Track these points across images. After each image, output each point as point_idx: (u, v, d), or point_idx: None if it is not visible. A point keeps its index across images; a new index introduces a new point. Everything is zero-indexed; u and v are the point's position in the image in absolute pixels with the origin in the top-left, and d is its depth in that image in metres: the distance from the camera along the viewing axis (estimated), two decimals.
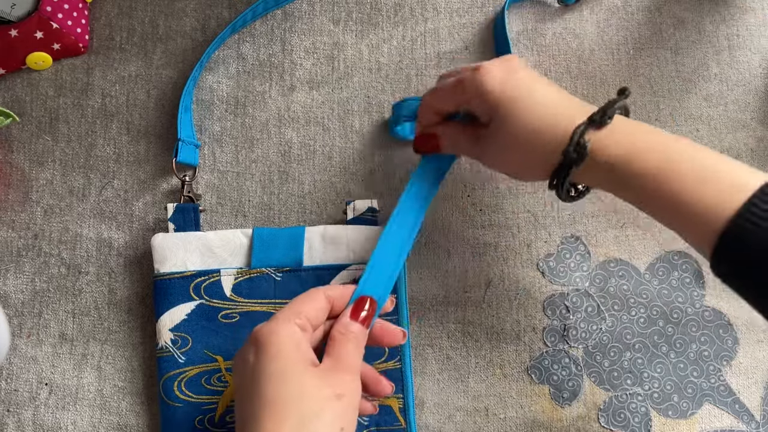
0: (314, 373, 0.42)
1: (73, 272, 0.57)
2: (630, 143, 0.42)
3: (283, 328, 0.42)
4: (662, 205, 0.41)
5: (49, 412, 0.56)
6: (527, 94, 0.45)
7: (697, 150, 0.41)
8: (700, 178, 0.40)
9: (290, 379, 0.41)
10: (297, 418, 0.40)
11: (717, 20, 0.60)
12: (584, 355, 0.55)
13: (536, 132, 0.44)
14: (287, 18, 0.61)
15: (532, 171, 0.46)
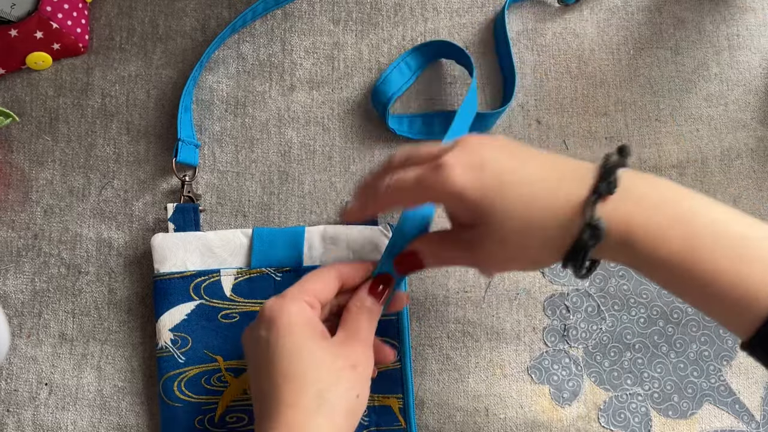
0: (328, 346, 0.43)
1: (73, 272, 0.57)
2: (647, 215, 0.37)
3: (292, 305, 0.43)
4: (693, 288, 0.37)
5: (49, 412, 0.56)
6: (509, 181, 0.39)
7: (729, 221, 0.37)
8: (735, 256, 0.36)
9: (305, 353, 0.42)
10: (315, 389, 0.41)
11: (717, 20, 0.60)
12: (584, 355, 0.55)
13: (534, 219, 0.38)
14: (287, 18, 0.61)
15: (541, 260, 0.41)
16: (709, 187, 0.57)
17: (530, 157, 0.40)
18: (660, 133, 0.58)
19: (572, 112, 0.59)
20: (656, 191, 0.38)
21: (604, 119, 0.58)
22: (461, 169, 0.39)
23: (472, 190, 0.39)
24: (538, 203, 0.38)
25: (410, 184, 0.41)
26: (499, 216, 0.39)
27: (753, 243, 0.36)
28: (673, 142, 0.58)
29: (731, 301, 0.36)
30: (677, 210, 0.37)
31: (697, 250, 0.36)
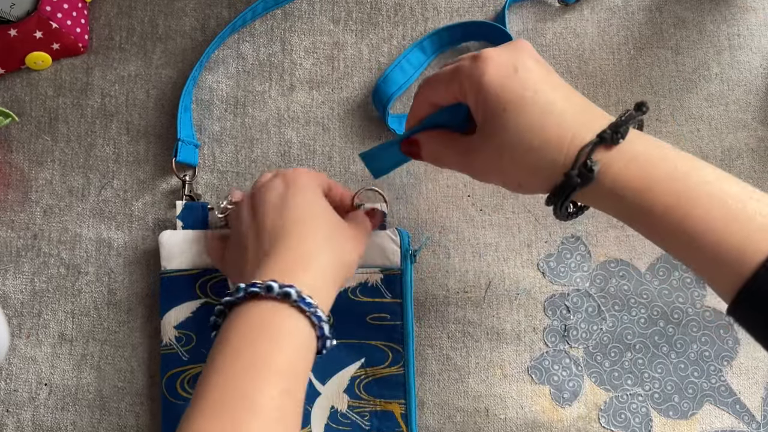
0: (338, 216, 0.48)
1: (73, 272, 0.57)
2: (644, 169, 0.37)
3: (308, 174, 0.49)
4: (679, 243, 0.37)
5: (49, 413, 0.56)
6: (531, 97, 0.39)
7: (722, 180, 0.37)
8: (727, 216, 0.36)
9: (318, 207, 0.47)
10: (326, 231, 0.45)
11: (718, 20, 0.60)
12: (585, 356, 0.55)
13: (537, 145, 0.39)
14: (287, 17, 0.61)
15: (529, 186, 0.41)
16: None
17: (560, 86, 0.40)
18: (660, 133, 0.58)
19: None
20: (657, 150, 0.39)
21: None
22: (495, 65, 0.40)
23: (495, 86, 0.39)
24: (545, 131, 0.39)
25: (447, 72, 0.43)
26: (504, 124, 0.39)
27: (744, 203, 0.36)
28: (673, 142, 0.58)
29: (717, 256, 0.36)
30: (674, 167, 0.38)
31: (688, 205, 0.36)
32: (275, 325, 0.39)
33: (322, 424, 0.53)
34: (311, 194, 0.47)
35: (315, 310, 0.40)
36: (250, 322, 0.40)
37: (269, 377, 0.37)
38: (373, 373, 0.53)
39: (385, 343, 0.54)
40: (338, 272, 0.45)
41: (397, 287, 0.54)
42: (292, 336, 0.40)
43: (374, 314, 0.54)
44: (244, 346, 0.39)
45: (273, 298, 0.40)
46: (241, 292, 0.40)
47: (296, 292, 0.40)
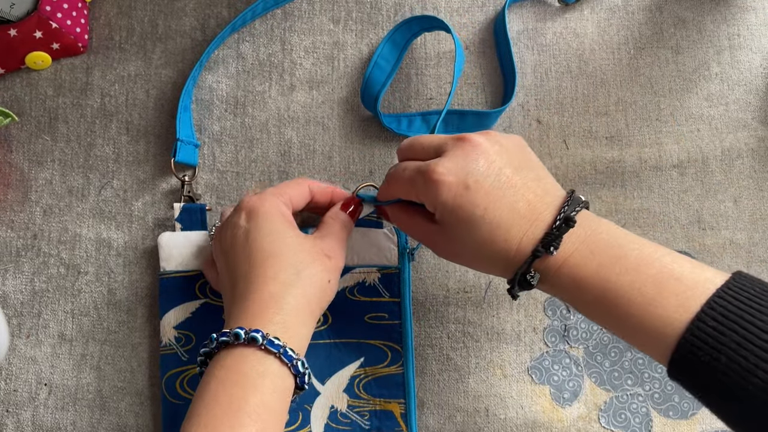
0: (305, 236, 0.48)
1: (73, 272, 0.57)
2: (573, 272, 0.42)
3: (270, 200, 0.48)
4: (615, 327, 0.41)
5: (49, 413, 0.56)
6: (480, 216, 0.43)
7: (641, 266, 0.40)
8: (644, 302, 0.39)
9: (285, 237, 0.46)
10: (293, 267, 0.45)
11: (718, 20, 0.60)
12: (585, 356, 0.55)
13: (488, 255, 0.44)
14: (287, 17, 0.61)
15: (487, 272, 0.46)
16: (710, 187, 0.57)
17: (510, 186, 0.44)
18: (661, 133, 0.58)
19: (573, 112, 0.59)
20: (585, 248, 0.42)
21: (604, 119, 0.58)
22: (447, 187, 0.43)
23: (448, 207, 0.44)
24: (494, 245, 0.43)
25: (404, 182, 0.47)
26: (459, 236, 0.44)
27: (660, 286, 0.39)
28: (673, 142, 0.58)
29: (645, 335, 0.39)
30: (598, 264, 0.41)
31: (613, 298, 0.40)
32: (247, 370, 0.42)
33: (321, 424, 0.53)
34: (275, 225, 0.47)
35: (284, 350, 0.42)
36: (224, 369, 0.42)
37: (243, 420, 0.40)
38: (372, 373, 0.53)
39: (383, 342, 0.54)
40: (313, 301, 0.46)
41: (395, 286, 0.54)
42: (264, 378, 0.42)
43: (372, 314, 0.54)
44: (218, 392, 0.41)
45: (242, 344, 0.42)
46: (213, 342, 0.43)
47: (262, 336, 0.42)
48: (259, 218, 0.47)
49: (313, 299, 0.46)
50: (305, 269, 0.46)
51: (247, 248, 0.46)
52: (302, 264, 0.46)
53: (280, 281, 0.44)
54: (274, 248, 0.46)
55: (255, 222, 0.47)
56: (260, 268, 0.45)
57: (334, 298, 0.48)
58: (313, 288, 0.46)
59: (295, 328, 0.44)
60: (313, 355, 0.53)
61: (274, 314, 0.43)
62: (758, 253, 0.56)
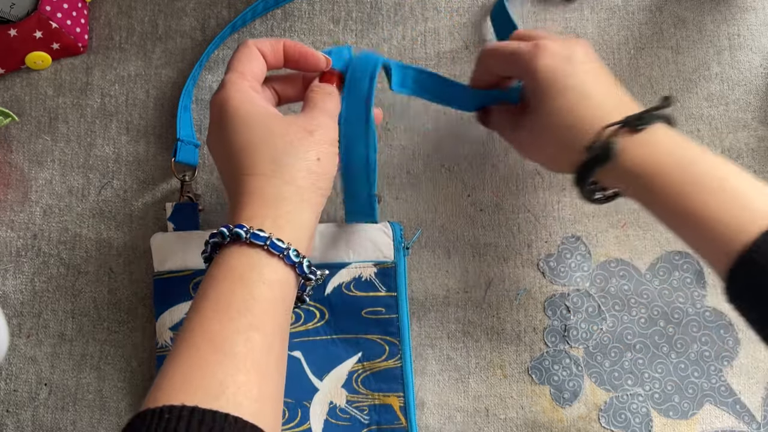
0: (280, 117, 0.44)
1: (73, 272, 0.57)
2: (657, 155, 0.42)
3: (233, 90, 0.44)
4: (684, 225, 0.41)
5: (49, 413, 0.56)
6: (574, 84, 0.44)
7: (728, 170, 0.41)
8: (726, 198, 0.39)
9: (257, 125, 0.43)
10: (269, 156, 0.43)
11: (718, 19, 0.60)
12: (585, 356, 0.55)
13: (571, 124, 0.44)
14: (287, 17, 0.61)
15: (560, 162, 0.46)
16: None
17: (604, 80, 0.45)
18: None
19: None
20: (673, 140, 0.43)
21: None
22: (550, 53, 0.45)
23: (545, 72, 0.45)
24: (581, 114, 0.44)
25: (507, 51, 0.47)
26: (548, 104, 0.44)
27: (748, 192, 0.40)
28: None
29: (715, 234, 0.39)
30: (683, 156, 0.42)
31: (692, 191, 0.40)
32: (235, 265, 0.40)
33: (321, 420, 0.53)
34: (246, 113, 0.44)
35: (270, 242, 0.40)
36: (216, 269, 0.41)
37: (232, 317, 0.38)
38: (370, 367, 0.53)
39: (381, 336, 0.54)
40: (303, 186, 0.43)
41: (391, 281, 0.54)
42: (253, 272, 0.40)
43: (369, 308, 0.54)
44: (209, 292, 0.40)
45: (231, 243, 0.41)
46: (207, 246, 0.42)
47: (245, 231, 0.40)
48: (227, 115, 0.44)
49: (302, 183, 0.43)
50: (283, 156, 0.43)
51: (222, 149, 0.44)
52: (279, 152, 0.43)
53: (259, 174, 0.42)
54: (244, 140, 0.43)
55: (224, 120, 0.44)
56: (237, 166, 0.43)
57: (331, 294, 0.47)
58: (298, 173, 0.43)
59: (286, 218, 0.42)
60: (311, 351, 0.53)
61: (259, 208, 0.42)
62: None
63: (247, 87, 0.45)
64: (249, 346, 0.38)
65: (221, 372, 0.36)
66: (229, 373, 0.36)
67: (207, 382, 0.36)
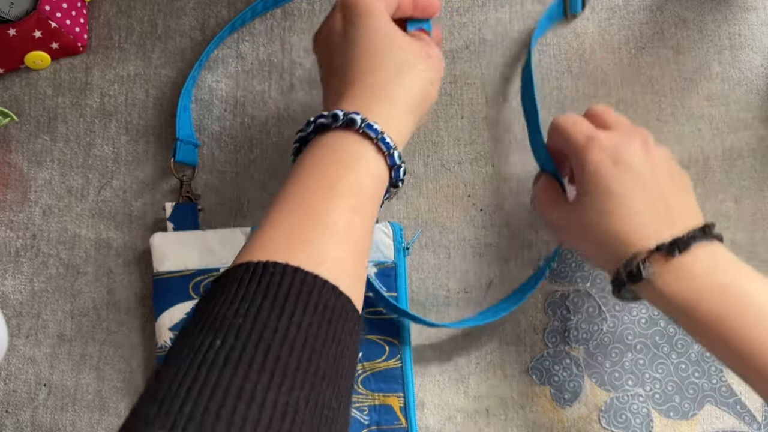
0: (404, 34, 0.45)
1: (72, 272, 0.57)
2: (694, 283, 0.41)
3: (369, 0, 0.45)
4: (726, 354, 0.41)
5: (48, 413, 0.55)
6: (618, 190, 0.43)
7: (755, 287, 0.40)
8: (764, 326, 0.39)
9: (385, 34, 0.44)
10: (395, 61, 0.43)
11: (719, 19, 0.60)
12: (585, 356, 0.55)
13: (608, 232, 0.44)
14: (287, 17, 0.61)
15: (596, 261, 0.47)
16: (711, 187, 0.57)
17: (651, 188, 0.44)
18: (661, 133, 0.58)
19: (573, 112, 0.58)
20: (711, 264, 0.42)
21: None
22: (599, 151, 0.44)
23: (592, 171, 0.44)
24: (620, 224, 0.43)
25: (565, 134, 0.47)
26: (590, 204, 0.44)
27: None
28: (674, 142, 0.58)
29: (756, 365, 0.39)
30: (721, 283, 0.41)
31: (733, 321, 0.40)
32: (343, 151, 0.40)
33: None
34: (374, 21, 0.44)
35: (382, 136, 0.41)
36: (320, 150, 0.41)
37: (336, 196, 0.39)
38: (370, 368, 0.53)
39: (381, 337, 0.54)
40: (414, 100, 0.44)
41: (392, 281, 0.54)
42: (359, 160, 0.40)
43: (369, 308, 0.54)
44: (313, 170, 0.40)
45: (340, 127, 0.41)
46: (311, 125, 0.42)
47: (361, 119, 0.40)
48: (359, 15, 0.44)
49: (414, 98, 0.44)
50: (406, 65, 0.44)
51: (346, 44, 0.44)
52: (403, 60, 0.44)
53: (382, 74, 0.43)
54: (372, 43, 0.43)
55: (354, 19, 0.44)
56: (359, 62, 0.43)
57: None
58: (415, 85, 0.44)
59: (395, 121, 0.42)
60: None
61: (373, 102, 0.42)
62: (759, 254, 0.56)
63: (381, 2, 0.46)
64: (349, 227, 0.38)
65: (323, 243, 0.37)
66: (330, 246, 0.37)
67: (309, 248, 0.36)
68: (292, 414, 0.30)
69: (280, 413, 0.30)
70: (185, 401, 0.29)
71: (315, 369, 0.33)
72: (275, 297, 0.33)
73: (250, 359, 0.31)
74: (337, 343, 0.35)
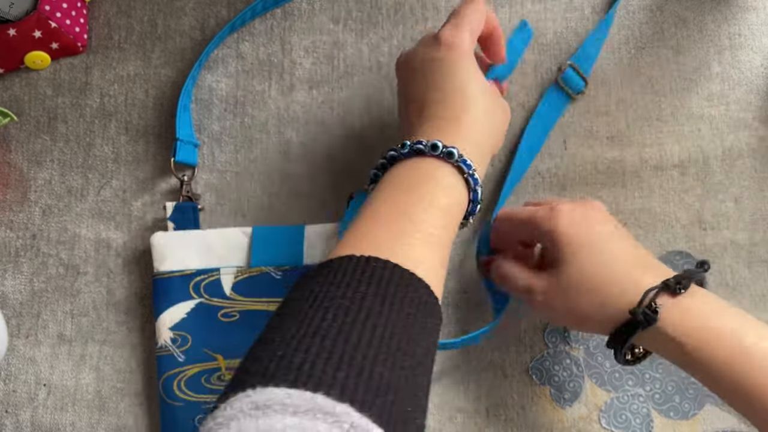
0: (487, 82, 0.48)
1: (72, 272, 0.57)
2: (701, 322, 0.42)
3: (468, 37, 0.47)
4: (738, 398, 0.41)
5: (48, 413, 0.55)
6: (600, 244, 0.45)
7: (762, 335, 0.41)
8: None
9: (478, 79, 0.47)
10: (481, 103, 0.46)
11: (719, 19, 0.60)
12: (585, 356, 0.55)
13: (604, 283, 0.44)
14: (287, 17, 0.61)
15: (592, 323, 0.46)
16: (711, 187, 0.57)
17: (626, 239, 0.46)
18: (661, 133, 0.58)
19: (573, 111, 0.58)
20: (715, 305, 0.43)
21: (605, 118, 0.58)
22: (568, 216, 0.46)
23: (565, 235, 0.45)
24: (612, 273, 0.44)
25: (522, 217, 0.49)
26: (575, 264, 0.45)
27: None
28: (674, 142, 0.58)
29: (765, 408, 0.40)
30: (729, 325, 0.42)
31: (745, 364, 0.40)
32: (437, 176, 0.43)
33: None
34: (468, 65, 0.47)
35: (473, 173, 0.43)
36: (415, 171, 0.43)
37: (430, 209, 0.41)
38: None
39: None
40: (492, 143, 0.47)
41: None
42: (450, 189, 0.43)
43: None
44: (409, 184, 0.43)
45: (436, 156, 0.43)
46: (407, 148, 0.43)
47: (458, 152, 0.43)
48: (455, 55, 0.46)
49: (493, 139, 0.47)
50: (489, 109, 0.47)
51: (439, 77, 0.46)
52: (487, 104, 0.46)
53: (468, 113, 0.45)
54: (464, 83, 0.46)
55: (450, 57, 0.46)
56: (453, 98, 0.46)
57: None
58: (493, 129, 0.47)
59: (478, 160, 0.45)
60: None
61: (463, 142, 0.44)
62: (759, 254, 0.56)
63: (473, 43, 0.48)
64: (440, 240, 0.41)
65: (420, 248, 0.39)
66: (426, 253, 0.40)
67: (410, 251, 0.39)
68: (395, 389, 0.32)
69: (385, 386, 0.31)
70: (303, 361, 0.30)
71: (412, 353, 0.34)
72: (378, 285, 0.35)
73: (359, 334, 0.33)
74: (428, 335, 0.37)
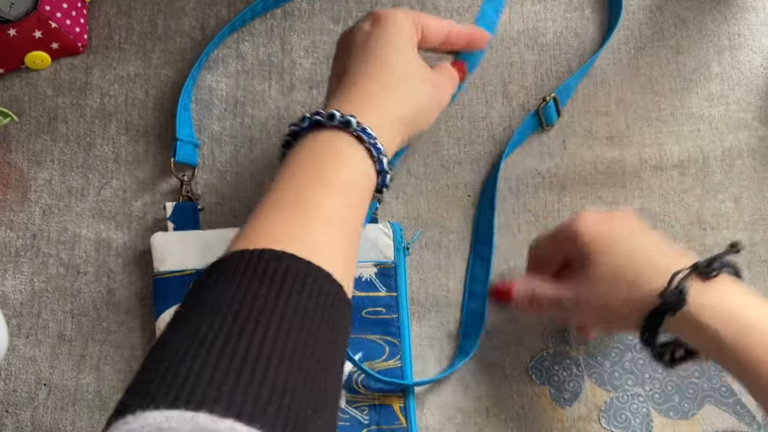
0: (421, 60, 0.47)
1: (72, 272, 0.57)
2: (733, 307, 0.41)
3: (403, 15, 0.47)
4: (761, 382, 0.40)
5: (48, 413, 0.55)
6: (623, 240, 0.45)
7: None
8: None
9: (402, 51, 0.46)
10: (401, 76, 0.45)
11: (718, 19, 0.60)
12: (585, 356, 0.55)
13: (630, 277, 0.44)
14: (287, 17, 0.61)
15: (624, 318, 0.45)
16: (711, 187, 0.57)
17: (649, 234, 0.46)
18: (661, 133, 0.58)
19: (573, 112, 0.59)
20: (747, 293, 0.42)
21: (604, 118, 0.58)
22: (591, 219, 0.46)
23: (588, 234, 0.45)
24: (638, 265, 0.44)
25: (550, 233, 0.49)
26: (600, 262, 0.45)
27: None
28: (674, 142, 0.58)
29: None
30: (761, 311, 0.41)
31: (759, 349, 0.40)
32: (337, 149, 0.41)
33: None
34: (397, 37, 0.46)
35: (374, 142, 0.42)
36: (313, 146, 0.42)
37: (332, 191, 0.40)
38: (370, 368, 0.53)
39: (381, 337, 0.54)
40: (408, 117, 0.45)
41: (392, 281, 0.54)
42: (351, 160, 0.41)
43: (370, 308, 0.54)
44: (307, 163, 0.41)
45: (335, 126, 0.42)
46: (306, 121, 0.42)
47: (356, 122, 0.41)
48: (386, 28, 0.46)
49: (409, 114, 0.45)
50: (410, 83, 0.45)
51: (362, 49, 0.46)
52: (408, 78, 0.45)
53: (384, 85, 0.44)
54: (385, 54, 0.45)
55: (378, 29, 0.46)
56: (366, 68, 0.45)
57: None
58: (412, 104, 0.45)
59: (387, 133, 0.43)
60: None
61: (370, 110, 0.43)
62: (759, 254, 0.56)
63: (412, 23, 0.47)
64: (343, 220, 0.39)
65: (319, 233, 0.38)
66: (325, 237, 0.38)
67: (306, 237, 0.37)
68: (290, 392, 0.31)
69: (279, 391, 0.30)
70: (186, 378, 0.29)
71: (311, 351, 0.33)
72: (272, 281, 0.34)
73: (248, 341, 0.31)
74: (330, 328, 0.35)
